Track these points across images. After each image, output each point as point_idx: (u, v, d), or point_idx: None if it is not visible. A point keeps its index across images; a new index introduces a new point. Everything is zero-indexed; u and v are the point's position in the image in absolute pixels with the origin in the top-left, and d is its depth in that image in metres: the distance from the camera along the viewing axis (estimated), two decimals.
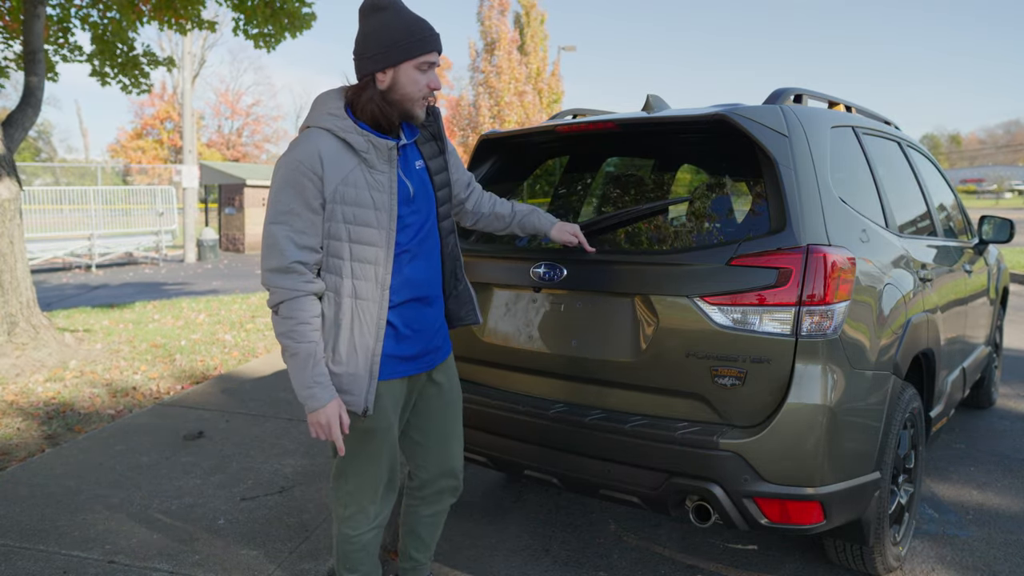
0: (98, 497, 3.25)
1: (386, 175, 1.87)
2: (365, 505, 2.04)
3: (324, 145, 1.81)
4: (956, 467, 3.73)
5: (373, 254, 1.86)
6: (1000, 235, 4.01)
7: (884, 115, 3.55)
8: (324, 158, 1.80)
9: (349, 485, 2.03)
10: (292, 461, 3.69)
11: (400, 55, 1.81)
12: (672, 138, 2.82)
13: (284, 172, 1.81)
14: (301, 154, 1.80)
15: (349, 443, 1.97)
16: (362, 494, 2.03)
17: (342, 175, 1.81)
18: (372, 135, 1.85)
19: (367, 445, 1.98)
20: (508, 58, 23.78)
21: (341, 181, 1.81)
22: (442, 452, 2.19)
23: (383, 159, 1.87)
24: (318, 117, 1.87)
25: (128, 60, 8.22)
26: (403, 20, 1.83)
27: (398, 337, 1.96)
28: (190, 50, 17.28)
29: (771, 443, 2.09)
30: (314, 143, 1.81)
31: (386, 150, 1.87)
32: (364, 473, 2.01)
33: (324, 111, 1.87)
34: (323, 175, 1.80)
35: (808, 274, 2.10)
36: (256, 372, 5.59)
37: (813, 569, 2.69)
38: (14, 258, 5.82)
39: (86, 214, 15.64)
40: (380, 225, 1.86)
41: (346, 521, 2.06)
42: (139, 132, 43.17)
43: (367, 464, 2.00)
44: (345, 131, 1.83)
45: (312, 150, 1.80)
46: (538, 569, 2.70)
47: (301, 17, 7.59)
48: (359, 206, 1.83)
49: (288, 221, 1.81)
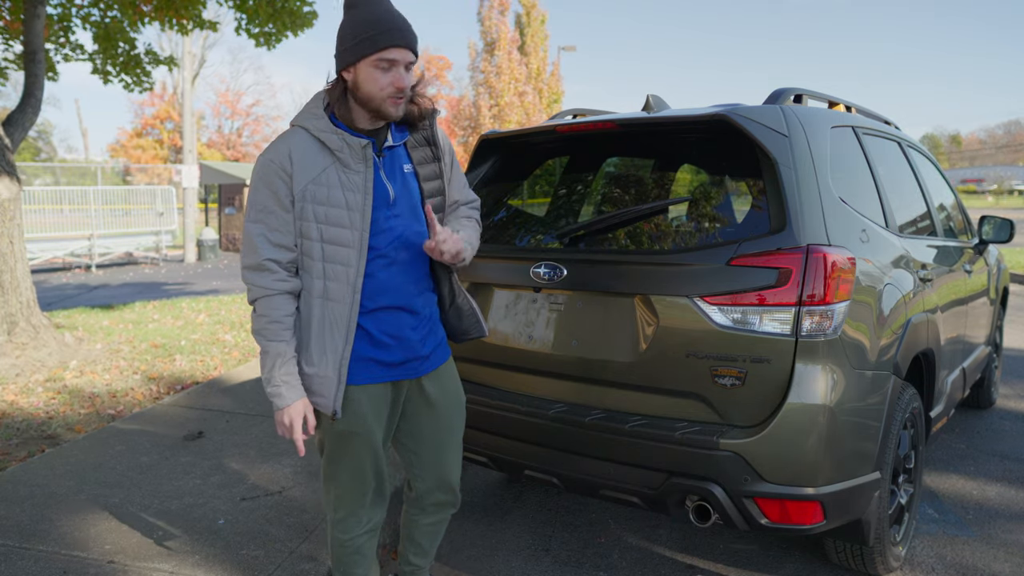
0: (98, 497, 3.25)
1: (361, 175, 1.83)
2: (354, 509, 2.03)
3: (296, 144, 1.82)
4: (956, 467, 3.73)
5: (345, 255, 1.83)
6: (1000, 235, 4.01)
7: (884, 115, 3.55)
8: (294, 157, 1.80)
9: (337, 489, 2.01)
10: (292, 461, 3.69)
11: (356, 53, 1.77)
12: (672, 138, 2.82)
13: (258, 171, 1.83)
14: (272, 153, 1.82)
15: (329, 447, 1.97)
16: (350, 499, 2.01)
17: (313, 174, 1.80)
18: (347, 133, 1.82)
19: (346, 449, 1.96)
20: (508, 58, 23.80)
21: (312, 180, 1.80)
22: (437, 463, 2.11)
23: (358, 158, 1.83)
24: (300, 116, 1.88)
25: (130, 59, 8.22)
26: (368, 15, 1.77)
27: (374, 342, 1.90)
28: (190, 50, 17.28)
29: (771, 443, 2.09)
30: (287, 142, 1.82)
31: (360, 148, 1.82)
32: (348, 478, 1.99)
33: (308, 110, 1.88)
34: (292, 173, 1.80)
35: (808, 274, 2.10)
36: (256, 372, 5.59)
37: (813, 569, 2.69)
38: (14, 258, 5.82)
39: (86, 214, 15.64)
40: (353, 226, 1.82)
41: (338, 525, 2.04)
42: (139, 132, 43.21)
43: (350, 469, 1.98)
44: (319, 130, 1.82)
45: (283, 149, 1.81)
46: (538, 569, 2.70)
47: (302, 16, 7.60)
48: (331, 206, 1.81)
49: (263, 219, 1.82)
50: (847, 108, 3.09)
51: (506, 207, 3.05)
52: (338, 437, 1.95)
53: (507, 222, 3.03)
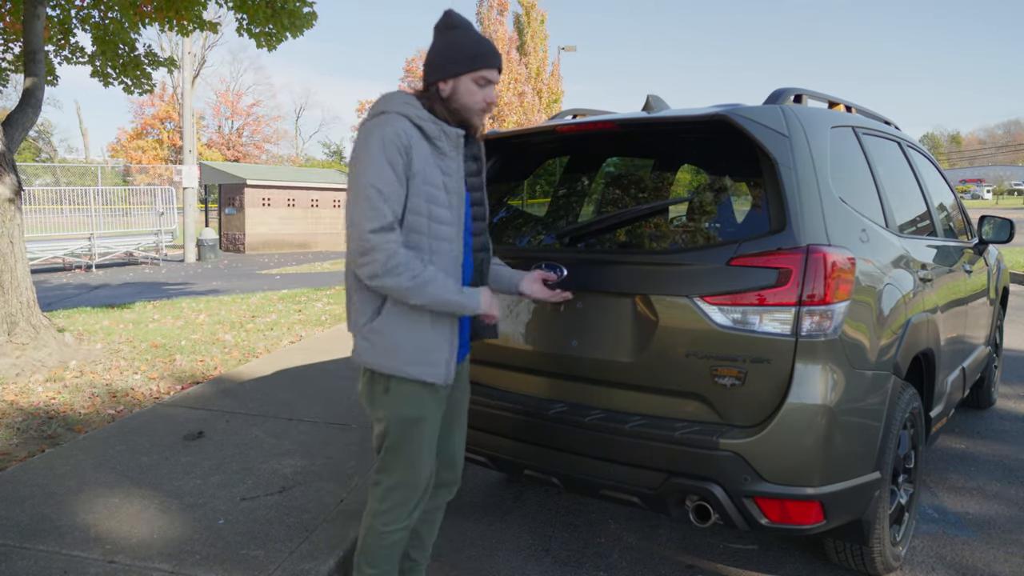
0: (98, 497, 3.25)
1: (455, 161, 1.99)
2: (404, 501, 2.04)
3: (406, 127, 1.91)
4: (956, 467, 3.73)
5: (448, 232, 1.96)
6: (1000, 235, 4.01)
7: (884, 115, 3.55)
8: (411, 137, 1.90)
9: (390, 479, 2.04)
10: (292, 461, 3.69)
11: (461, 67, 1.96)
12: (672, 138, 2.82)
13: (377, 144, 1.87)
14: (393, 128, 1.88)
15: (393, 436, 2.00)
16: (404, 490, 2.03)
17: (423, 155, 1.92)
18: (444, 124, 1.97)
19: (413, 436, 2.00)
20: (507, 58, 23.80)
21: (423, 161, 1.91)
22: (448, 444, 2.20)
23: (452, 146, 1.98)
24: (395, 105, 1.94)
25: (130, 60, 8.22)
26: (469, 38, 1.99)
27: None
28: (190, 50, 17.30)
29: (771, 443, 2.09)
30: (400, 123, 1.90)
31: (455, 138, 1.98)
32: (407, 468, 2.02)
33: (399, 101, 1.96)
34: (410, 152, 1.89)
35: (808, 274, 2.10)
36: (256, 372, 5.59)
37: (813, 569, 2.69)
38: (14, 258, 5.82)
39: (86, 214, 15.67)
40: (451, 206, 1.96)
41: (381, 516, 2.05)
42: (139, 132, 43.19)
43: (411, 457, 2.01)
44: (421, 118, 1.93)
45: (400, 128, 1.89)
46: (538, 569, 2.70)
47: (302, 16, 7.59)
48: (435, 187, 1.93)
49: (382, 188, 1.85)
50: (847, 108, 3.09)
51: (506, 207, 3.05)
52: (406, 424, 1.98)
53: (507, 222, 3.03)
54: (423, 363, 1.95)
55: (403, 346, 1.94)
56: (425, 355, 1.96)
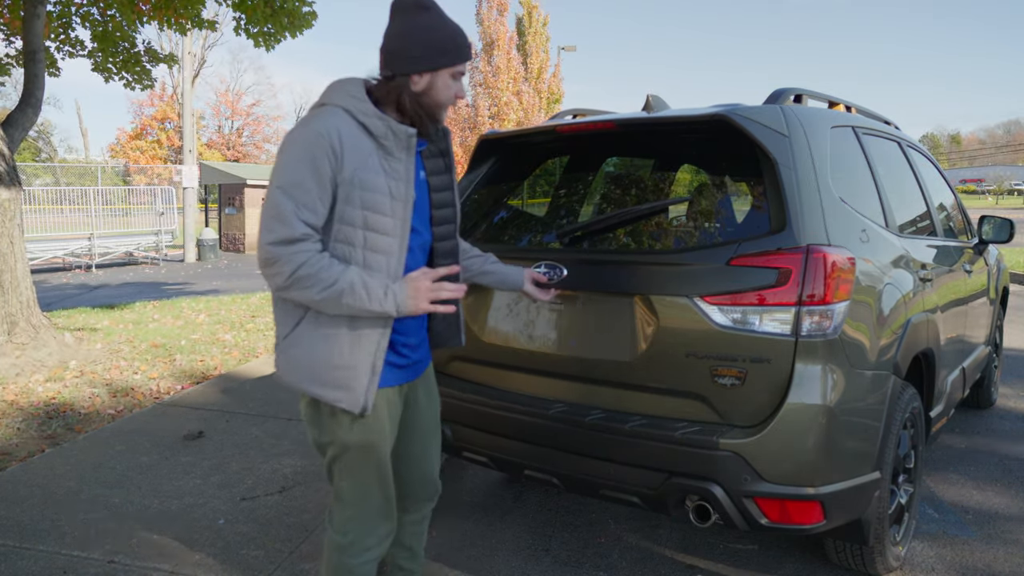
0: (98, 497, 3.25)
1: (403, 163, 1.76)
2: (369, 531, 1.89)
3: (343, 124, 1.70)
4: (956, 467, 3.73)
5: (386, 244, 1.74)
6: (1000, 235, 4.01)
7: (884, 115, 3.55)
8: (344, 138, 1.68)
9: (348, 510, 1.87)
10: (292, 461, 3.69)
11: (444, 60, 1.75)
12: (672, 138, 2.82)
13: (301, 143, 1.68)
14: (321, 127, 1.67)
15: (343, 463, 1.83)
16: (365, 518, 1.88)
17: (361, 158, 1.70)
18: (392, 121, 1.74)
19: (365, 462, 1.83)
20: (507, 57, 23.79)
21: (360, 164, 1.69)
22: (422, 458, 2.07)
23: (401, 147, 1.75)
24: (336, 97, 1.75)
25: (130, 57, 8.22)
26: (447, 25, 1.77)
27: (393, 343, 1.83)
28: (190, 50, 17.28)
29: (771, 443, 2.09)
30: (333, 120, 1.70)
31: (405, 137, 1.75)
32: (362, 495, 1.86)
33: (343, 92, 1.76)
34: (342, 155, 1.68)
35: (808, 274, 2.10)
36: (256, 372, 5.59)
37: (813, 569, 2.69)
38: (14, 258, 5.82)
39: (86, 214, 15.66)
40: (395, 215, 1.73)
41: (347, 550, 1.88)
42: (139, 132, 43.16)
43: (365, 484, 1.85)
44: (364, 114, 1.72)
45: (331, 126, 1.68)
46: (538, 569, 2.70)
47: (301, 16, 7.58)
48: (376, 192, 1.71)
49: (295, 195, 1.66)
50: (847, 108, 3.09)
51: (506, 207, 3.05)
52: (355, 450, 1.81)
53: (507, 222, 3.03)
54: (336, 386, 1.73)
55: (318, 364, 1.73)
56: (339, 377, 1.72)
